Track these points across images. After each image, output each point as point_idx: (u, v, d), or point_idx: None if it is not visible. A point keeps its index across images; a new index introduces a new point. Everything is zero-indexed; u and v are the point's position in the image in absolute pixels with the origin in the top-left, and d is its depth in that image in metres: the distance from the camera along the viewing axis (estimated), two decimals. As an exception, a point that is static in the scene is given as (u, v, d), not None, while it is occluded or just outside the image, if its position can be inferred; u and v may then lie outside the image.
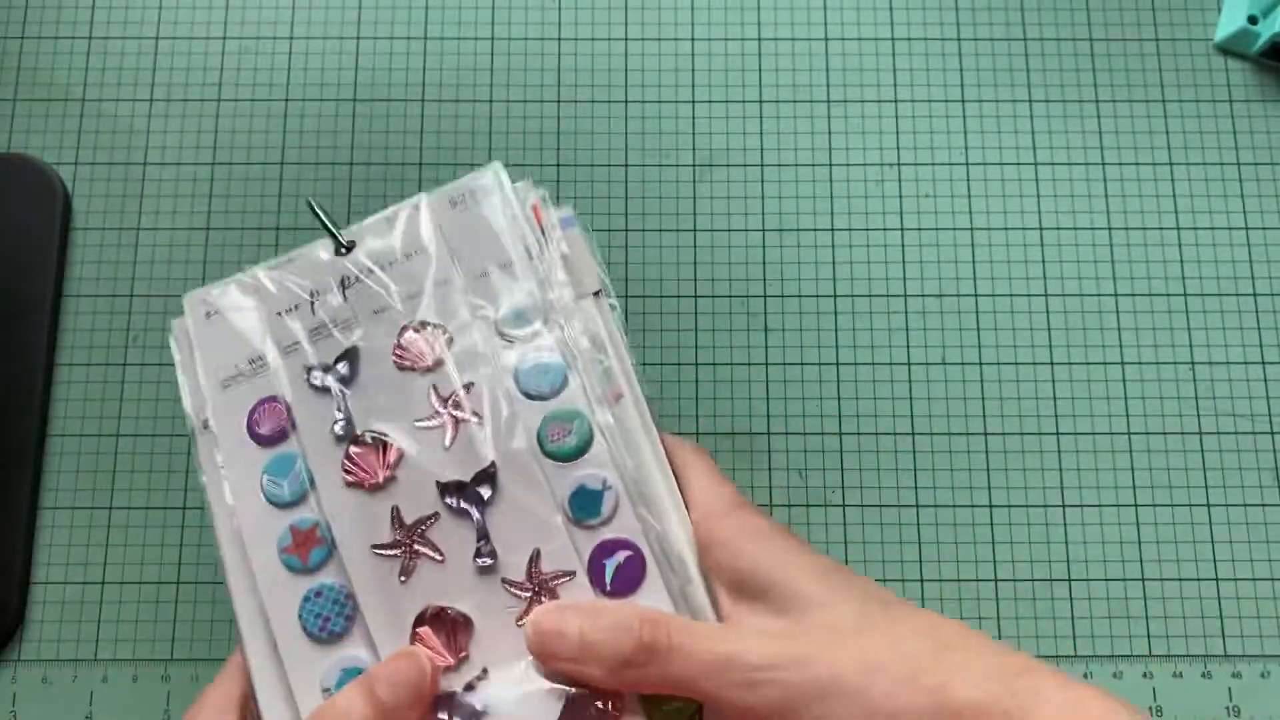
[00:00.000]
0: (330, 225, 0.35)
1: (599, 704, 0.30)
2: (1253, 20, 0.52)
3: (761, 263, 0.50)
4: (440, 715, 0.31)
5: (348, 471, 0.33)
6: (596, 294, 0.35)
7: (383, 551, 0.32)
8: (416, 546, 0.32)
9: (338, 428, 0.33)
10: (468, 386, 0.33)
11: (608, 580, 0.32)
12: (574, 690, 0.30)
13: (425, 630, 0.31)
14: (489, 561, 0.32)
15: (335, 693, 0.31)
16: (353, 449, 0.33)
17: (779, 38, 0.53)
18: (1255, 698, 0.45)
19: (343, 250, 0.35)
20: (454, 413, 0.33)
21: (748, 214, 0.51)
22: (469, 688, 0.31)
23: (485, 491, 0.32)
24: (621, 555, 0.32)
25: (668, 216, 0.51)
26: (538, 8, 0.53)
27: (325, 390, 0.34)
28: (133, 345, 0.49)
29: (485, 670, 0.31)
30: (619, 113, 0.52)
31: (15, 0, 0.53)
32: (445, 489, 0.32)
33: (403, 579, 0.32)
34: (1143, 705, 0.46)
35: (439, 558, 0.32)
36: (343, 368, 0.34)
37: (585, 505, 0.32)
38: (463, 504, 0.32)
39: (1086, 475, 0.48)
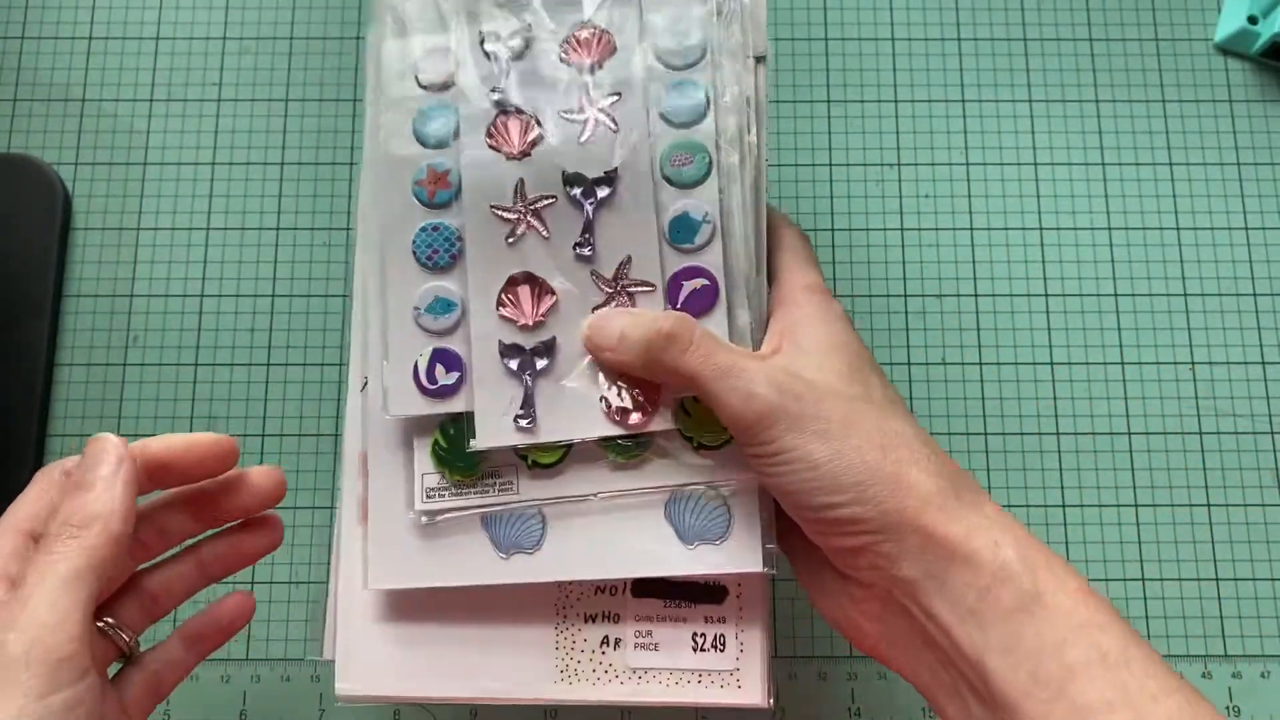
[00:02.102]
0: None
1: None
2: (1253, 20, 0.52)
3: (761, 263, 0.50)
4: (510, 363, 0.35)
5: (490, 136, 0.36)
6: (760, 60, 0.37)
7: (500, 212, 0.36)
8: (530, 218, 0.36)
9: (495, 95, 0.36)
10: (616, 95, 0.36)
11: (680, 299, 0.35)
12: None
13: (516, 288, 0.36)
14: (587, 252, 0.36)
15: (423, 314, 0.35)
16: (501, 117, 0.36)
17: (779, 38, 0.53)
18: (1255, 698, 0.45)
19: None
20: (598, 114, 0.36)
21: (748, 214, 0.51)
22: (537, 350, 0.35)
23: (602, 192, 0.36)
24: (699, 282, 0.35)
25: (668, 216, 0.51)
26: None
27: (493, 58, 0.37)
28: (133, 345, 0.49)
29: (555, 339, 0.35)
30: (619, 113, 0.52)
31: (15, 0, 0.53)
32: (569, 178, 0.36)
33: (510, 241, 0.36)
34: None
35: (545, 234, 0.36)
36: (516, 42, 0.37)
37: (683, 230, 0.36)
38: (580, 196, 0.36)
39: (1086, 475, 0.48)
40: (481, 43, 0.37)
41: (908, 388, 0.49)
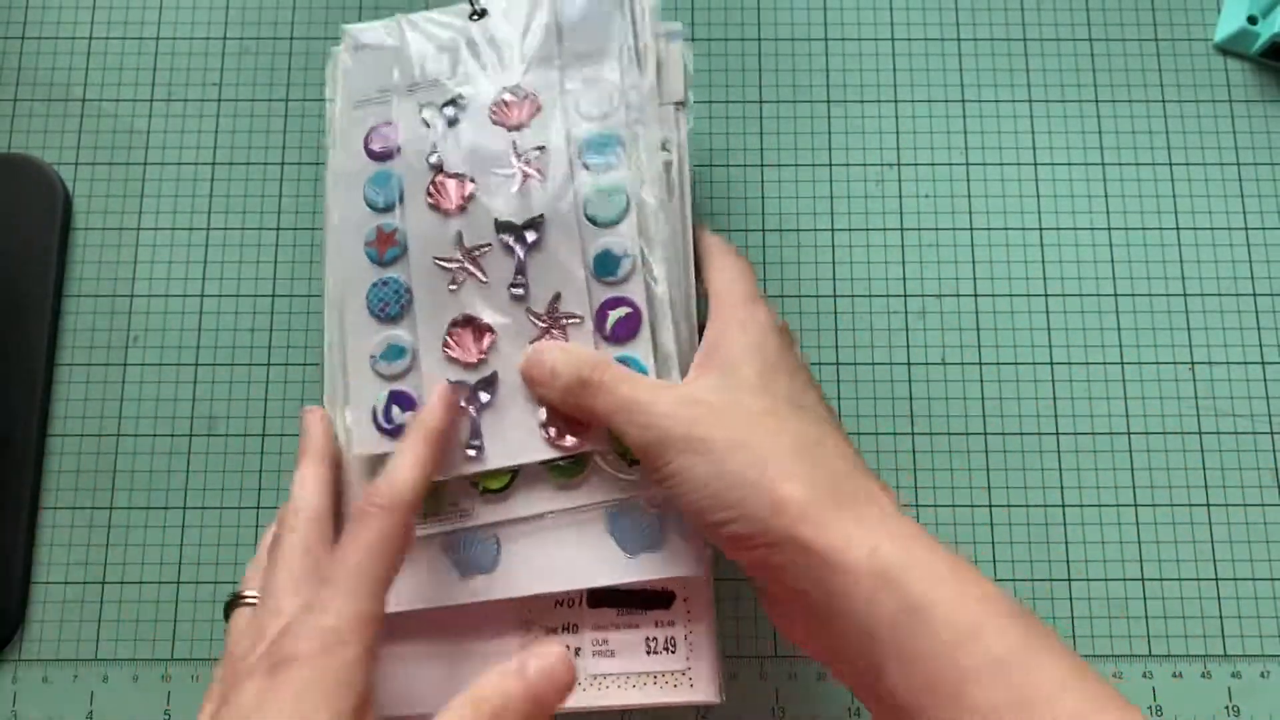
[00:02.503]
0: None
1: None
2: (1253, 20, 0.52)
3: (762, 263, 0.50)
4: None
5: (430, 195, 0.39)
6: (680, 105, 0.41)
7: (443, 263, 0.39)
8: (468, 266, 0.39)
9: (433, 159, 0.40)
10: (540, 149, 0.39)
11: (608, 327, 0.38)
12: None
13: (458, 330, 0.39)
14: (520, 292, 0.39)
15: (378, 360, 0.39)
16: (439, 178, 0.39)
17: (779, 38, 0.53)
18: (1255, 698, 0.45)
19: (475, 16, 0.42)
20: (524, 168, 0.39)
21: (748, 214, 0.51)
22: (480, 385, 0.38)
23: (531, 236, 0.38)
24: (623, 310, 0.38)
25: (668, 216, 0.51)
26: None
27: (431, 126, 0.40)
28: (133, 345, 0.49)
29: (495, 374, 0.38)
30: (619, 113, 0.52)
31: (15, 0, 0.53)
32: (501, 226, 0.39)
33: (452, 288, 0.39)
34: (1142, 705, 0.46)
35: (483, 279, 0.39)
36: (450, 111, 0.40)
37: (606, 265, 0.38)
38: (512, 242, 0.39)
39: (1086, 475, 0.48)
40: (421, 115, 0.40)
41: (907, 388, 0.49)
